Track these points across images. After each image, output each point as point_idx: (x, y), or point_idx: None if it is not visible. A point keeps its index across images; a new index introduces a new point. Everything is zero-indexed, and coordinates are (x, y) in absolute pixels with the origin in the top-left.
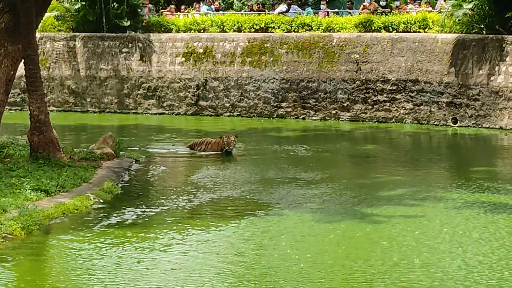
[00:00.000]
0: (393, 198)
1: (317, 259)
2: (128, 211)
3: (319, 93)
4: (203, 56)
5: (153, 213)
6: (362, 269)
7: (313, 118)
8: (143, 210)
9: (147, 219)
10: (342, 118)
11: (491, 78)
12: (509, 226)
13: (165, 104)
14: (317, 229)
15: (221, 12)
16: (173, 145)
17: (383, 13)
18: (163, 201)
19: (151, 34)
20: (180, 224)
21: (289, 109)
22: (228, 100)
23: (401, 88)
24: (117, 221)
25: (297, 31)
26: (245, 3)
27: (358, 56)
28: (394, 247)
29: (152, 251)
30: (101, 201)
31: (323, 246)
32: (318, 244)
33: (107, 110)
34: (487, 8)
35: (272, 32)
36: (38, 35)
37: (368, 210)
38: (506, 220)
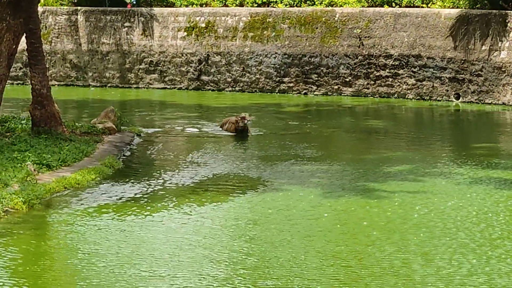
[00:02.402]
0: (395, 174)
1: (313, 240)
2: (129, 186)
3: (322, 68)
4: (205, 30)
5: (153, 189)
6: (355, 250)
7: (315, 93)
8: (143, 185)
9: (147, 194)
10: (344, 93)
11: (494, 54)
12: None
13: (167, 78)
14: (316, 206)
15: None
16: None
17: None
18: (163, 176)
19: (153, 9)
20: (178, 200)
21: (291, 84)
22: (230, 75)
23: (404, 64)
24: (117, 196)
25: (300, 6)
26: None
27: (360, 31)
28: (392, 225)
29: (150, 226)
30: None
31: (319, 224)
32: (315, 222)
33: (109, 84)
34: None
35: (275, 6)
36: (40, 9)
37: (369, 186)
38: (508, 197)
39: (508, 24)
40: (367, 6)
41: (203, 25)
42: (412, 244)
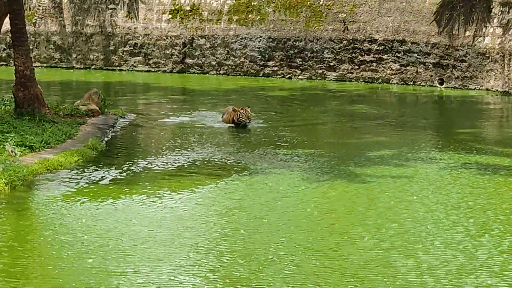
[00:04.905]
0: (377, 159)
1: (288, 227)
2: (112, 168)
3: (306, 52)
4: (190, 13)
5: (136, 171)
6: (332, 239)
7: (299, 77)
8: (126, 167)
9: (129, 176)
10: (328, 77)
11: (478, 40)
12: (493, 189)
13: (151, 61)
14: (294, 192)
15: None
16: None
17: None
18: (146, 159)
19: None
20: (156, 186)
21: (276, 68)
22: (215, 58)
23: (388, 49)
24: (100, 178)
25: None
26: None
27: (345, 15)
28: (372, 212)
29: (131, 209)
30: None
31: (296, 211)
32: (291, 209)
33: (93, 66)
34: None
35: None
36: None
37: (351, 171)
38: (491, 182)
39: (492, 10)
40: None
41: (188, 8)
42: (391, 232)
